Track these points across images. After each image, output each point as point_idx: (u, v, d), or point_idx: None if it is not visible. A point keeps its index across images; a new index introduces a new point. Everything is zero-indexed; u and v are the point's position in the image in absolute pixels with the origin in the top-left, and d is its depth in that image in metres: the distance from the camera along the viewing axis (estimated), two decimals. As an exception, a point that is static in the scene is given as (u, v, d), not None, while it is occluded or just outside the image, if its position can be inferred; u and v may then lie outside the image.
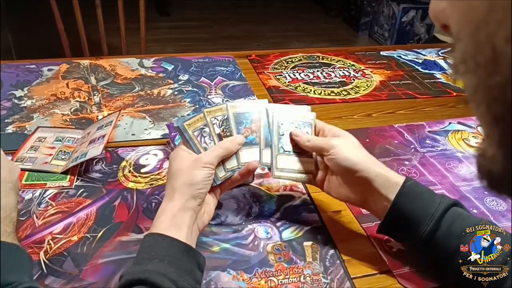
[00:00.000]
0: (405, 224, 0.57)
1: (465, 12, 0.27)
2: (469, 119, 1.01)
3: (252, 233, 0.66)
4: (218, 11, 3.97)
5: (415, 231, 0.56)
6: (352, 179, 0.60)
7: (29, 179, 0.73)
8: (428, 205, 0.56)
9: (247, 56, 1.24)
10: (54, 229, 0.64)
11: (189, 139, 0.60)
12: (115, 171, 0.76)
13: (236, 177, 0.62)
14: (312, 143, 0.63)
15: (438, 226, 0.55)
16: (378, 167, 0.60)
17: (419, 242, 0.56)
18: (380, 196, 0.58)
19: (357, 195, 0.61)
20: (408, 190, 0.57)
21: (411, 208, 0.57)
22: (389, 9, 3.35)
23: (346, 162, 0.59)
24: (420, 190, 0.58)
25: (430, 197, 0.58)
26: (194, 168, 0.56)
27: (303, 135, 0.64)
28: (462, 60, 0.28)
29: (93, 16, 1.59)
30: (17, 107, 0.92)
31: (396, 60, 1.29)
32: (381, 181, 0.58)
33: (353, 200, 0.62)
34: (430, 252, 0.57)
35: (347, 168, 0.59)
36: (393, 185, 0.58)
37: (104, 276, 0.58)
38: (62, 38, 1.58)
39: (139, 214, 0.68)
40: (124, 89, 1.02)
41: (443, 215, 0.55)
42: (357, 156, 0.60)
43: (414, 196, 0.57)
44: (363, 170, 0.58)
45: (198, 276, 0.52)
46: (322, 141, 0.62)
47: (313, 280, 0.59)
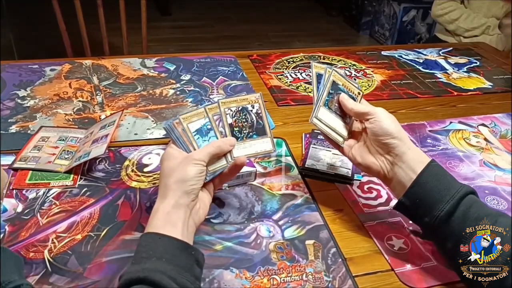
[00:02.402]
0: (425, 202, 0.59)
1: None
2: (470, 118, 1.01)
3: (255, 232, 0.66)
4: (219, 10, 3.97)
5: (433, 209, 0.58)
6: (387, 144, 0.62)
7: (32, 178, 0.73)
8: (450, 186, 0.59)
9: (248, 56, 1.25)
10: (58, 227, 0.65)
11: (176, 138, 0.61)
12: (118, 170, 0.77)
13: (226, 173, 0.63)
14: (358, 107, 0.66)
15: (457, 207, 0.57)
16: (411, 142, 0.64)
17: (435, 222, 0.57)
18: (408, 168, 0.61)
19: (384, 163, 0.64)
20: (433, 169, 0.61)
21: (433, 186, 0.59)
22: (390, 8, 3.36)
23: (387, 126, 0.62)
24: (444, 172, 0.61)
25: (452, 180, 0.60)
26: (185, 164, 0.57)
27: (350, 100, 0.67)
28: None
29: (94, 15, 1.60)
30: (20, 107, 0.93)
31: (397, 60, 1.30)
32: (412, 154, 0.62)
33: (376, 168, 0.64)
34: (443, 234, 0.57)
35: (387, 132, 0.62)
36: (422, 161, 0.61)
37: (108, 275, 0.58)
38: (64, 38, 1.59)
39: (142, 213, 0.68)
40: (127, 89, 1.03)
41: (463, 198, 0.57)
42: (396, 125, 0.64)
43: (437, 176, 0.60)
44: (401, 139, 0.62)
45: (197, 272, 0.52)
46: (368, 107, 0.66)
47: (315, 278, 0.59)
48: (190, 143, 0.61)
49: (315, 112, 0.68)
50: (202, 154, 0.59)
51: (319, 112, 0.68)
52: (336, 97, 0.68)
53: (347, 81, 0.69)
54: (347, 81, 0.69)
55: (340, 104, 0.68)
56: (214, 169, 0.62)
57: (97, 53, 1.29)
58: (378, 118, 0.63)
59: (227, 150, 0.62)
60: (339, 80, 0.69)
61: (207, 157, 0.59)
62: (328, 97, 0.69)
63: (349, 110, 0.67)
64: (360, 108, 0.66)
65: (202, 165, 0.58)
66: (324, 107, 0.68)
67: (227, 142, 0.63)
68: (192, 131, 0.62)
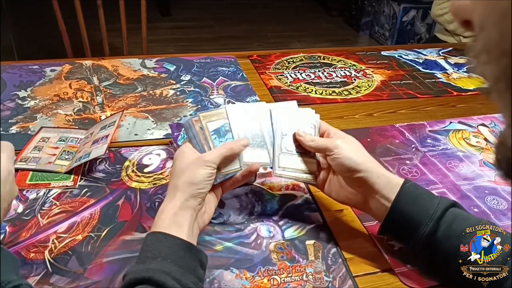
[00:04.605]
0: (405, 226, 0.58)
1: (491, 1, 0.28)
2: (469, 118, 1.01)
3: (255, 232, 0.66)
4: (219, 11, 3.97)
5: (415, 232, 0.57)
6: (354, 179, 0.60)
7: (33, 179, 0.73)
8: (427, 206, 0.57)
9: (248, 56, 1.25)
10: (58, 228, 0.65)
11: (193, 136, 0.61)
12: (118, 171, 0.77)
13: (238, 177, 0.63)
14: (316, 143, 0.63)
15: (438, 227, 0.56)
16: (380, 168, 0.61)
17: (419, 243, 0.57)
18: (381, 197, 0.59)
19: (358, 196, 0.62)
20: (407, 191, 0.58)
21: (411, 209, 0.57)
22: (389, 9, 3.36)
23: (349, 161, 0.60)
24: (419, 191, 0.59)
25: (428, 198, 0.58)
26: (195, 166, 0.57)
27: (307, 135, 0.64)
28: (485, 50, 0.29)
29: (94, 16, 1.60)
30: (20, 108, 0.93)
31: (397, 60, 1.30)
32: (383, 183, 0.59)
33: (353, 201, 0.63)
34: (430, 253, 0.57)
35: (350, 167, 0.60)
36: (394, 186, 0.59)
37: (108, 275, 0.58)
38: (64, 39, 1.59)
39: (142, 213, 0.68)
40: (127, 90, 1.03)
41: (442, 216, 0.56)
42: (360, 156, 0.61)
43: (413, 198, 0.58)
44: (366, 170, 0.59)
45: (200, 274, 0.52)
46: (327, 141, 0.63)
47: (316, 279, 0.60)
48: (206, 142, 0.61)
49: (276, 162, 0.64)
50: (214, 155, 0.58)
51: (280, 162, 0.64)
52: (291, 135, 0.65)
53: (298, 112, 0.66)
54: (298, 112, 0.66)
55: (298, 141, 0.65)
56: (226, 172, 0.61)
57: (97, 54, 1.29)
58: (337, 154, 0.60)
59: (239, 151, 0.62)
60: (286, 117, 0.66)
61: (219, 159, 0.59)
62: (282, 141, 0.65)
63: (307, 148, 0.64)
64: (318, 144, 0.63)
65: (212, 168, 0.57)
66: (283, 154, 0.65)
67: (238, 142, 0.62)
68: (210, 130, 0.62)
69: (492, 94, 0.29)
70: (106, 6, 1.59)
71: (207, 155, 0.58)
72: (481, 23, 0.29)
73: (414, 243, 0.58)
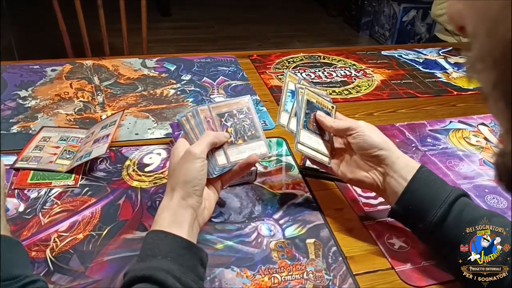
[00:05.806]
0: (418, 208, 0.59)
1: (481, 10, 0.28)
2: (469, 117, 1.01)
3: (255, 231, 0.67)
4: (219, 11, 3.97)
5: (426, 215, 0.58)
6: (374, 156, 0.62)
7: (34, 178, 0.73)
8: (441, 191, 0.59)
9: (248, 56, 1.25)
10: (59, 227, 0.65)
11: (188, 131, 0.61)
12: (119, 170, 0.77)
13: (236, 169, 0.62)
14: (338, 123, 0.66)
15: (449, 212, 0.57)
16: (398, 150, 0.63)
17: (429, 227, 0.57)
18: (400, 177, 0.61)
19: (376, 176, 0.63)
20: (423, 175, 0.60)
21: (424, 192, 0.59)
22: (390, 8, 3.36)
23: (371, 139, 0.62)
24: (435, 177, 0.61)
25: (443, 184, 0.60)
26: (185, 161, 0.56)
27: (328, 117, 0.67)
28: (479, 58, 0.29)
29: (95, 16, 1.60)
30: (21, 107, 0.93)
31: (397, 60, 1.30)
32: (402, 163, 0.61)
33: (368, 181, 0.64)
34: (439, 238, 0.58)
35: (373, 144, 0.62)
36: (411, 169, 0.61)
37: (109, 274, 0.58)
38: (64, 39, 1.59)
39: (143, 212, 0.68)
40: (127, 89, 1.03)
41: (454, 202, 0.57)
42: (382, 136, 0.63)
43: (428, 181, 0.60)
44: (388, 148, 0.62)
45: (201, 272, 0.53)
46: (348, 122, 0.65)
47: (316, 277, 0.60)
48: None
49: (298, 136, 0.66)
50: (201, 146, 0.57)
51: (301, 137, 0.66)
52: (312, 116, 0.68)
53: (319, 97, 0.69)
54: (319, 97, 0.69)
55: (318, 122, 0.67)
56: (223, 165, 0.61)
57: (97, 54, 1.29)
58: (361, 132, 0.63)
59: (224, 139, 0.62)
60: (312, 98, 0.68)
61: (207, 147, 0.58)
62: (306, 117, 0.67)
63: (328, 128, 0.66)
64: (339, 125, 0.65)
65: (202, 159, 0.56)
66: (304, 129, 0.67)
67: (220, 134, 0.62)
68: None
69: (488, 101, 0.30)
70: (106, 6, 1.59)
71: (194, 147, 0.57)
72: (473, 31, 0.30)
73: (424, 228, 0.58)
